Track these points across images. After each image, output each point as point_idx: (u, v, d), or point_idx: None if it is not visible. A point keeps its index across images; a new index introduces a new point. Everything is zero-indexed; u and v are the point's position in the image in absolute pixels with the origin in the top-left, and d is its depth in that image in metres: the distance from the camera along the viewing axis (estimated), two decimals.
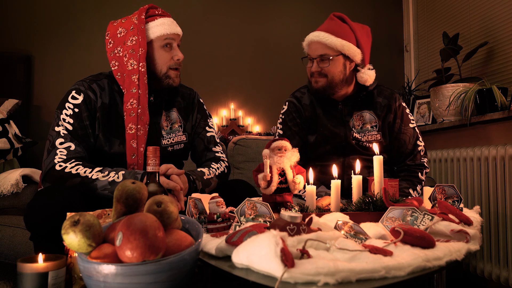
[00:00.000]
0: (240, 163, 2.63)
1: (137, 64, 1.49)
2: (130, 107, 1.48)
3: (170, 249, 0.85)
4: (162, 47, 1.53)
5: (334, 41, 1.69)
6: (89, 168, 1.37)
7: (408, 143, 1.82)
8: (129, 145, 1.48)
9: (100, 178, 1.34)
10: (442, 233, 1.01)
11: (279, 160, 1.22)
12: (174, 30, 1.54)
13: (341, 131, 1.79)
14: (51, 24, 2.88)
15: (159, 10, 1.57)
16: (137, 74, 1.49)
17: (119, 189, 0.96)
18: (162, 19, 1.55)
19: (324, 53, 1.72)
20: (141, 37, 1.49)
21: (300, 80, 3.28)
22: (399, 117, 1.82)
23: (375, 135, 1.79)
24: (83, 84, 1.50)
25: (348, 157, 1.79)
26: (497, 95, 2.22)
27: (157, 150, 1.18)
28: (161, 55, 1.53)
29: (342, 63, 1.73)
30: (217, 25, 3.16)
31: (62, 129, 1.42)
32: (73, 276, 1.02)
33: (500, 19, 2.49)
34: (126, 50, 1.50)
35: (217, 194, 1.21)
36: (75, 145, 1.41)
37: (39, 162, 2.51)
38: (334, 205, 1.23)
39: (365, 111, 1.81)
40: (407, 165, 1.83)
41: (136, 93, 1.49)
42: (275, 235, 0.75)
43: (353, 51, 1.72)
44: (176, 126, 1.64)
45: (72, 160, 1.38)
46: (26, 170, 2.10)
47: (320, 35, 1.72)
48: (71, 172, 1.35)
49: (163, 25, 1.53)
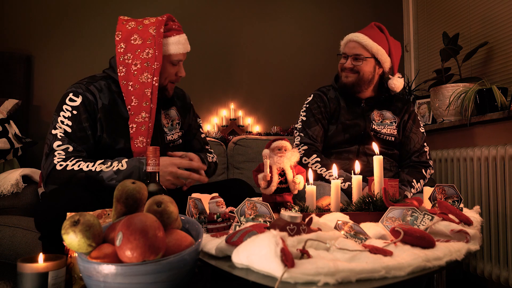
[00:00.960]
0: (240, 163, 2.63)
1: (151, 78, 1.49)
2: (142, 121, 1.48)
3: (170, 249, 0.85)
4: (171, 62, 1.56)
5: (371, 43, 1.86)
6: (91, 162, 1.38)
7: (417, 143, 1.95)
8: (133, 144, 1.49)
9: (104, 169, 1.36)
10: (442, 233, 1.01)
11: (279, 160, 1.23)
12: (187, 50, 1.58)
13: (361, 122, 1.92)
14: (51, 24, 2.88)
15: (175, 25, 1.58)
16: (150, 88, 1.49)
17: (119, 189, 0.96)
18: (179, 36, 1.56)
19: (359, 53, 1.87)
20: (158, 51, 1.49)
21: (300, 79, 3.28)
22: (412, 119, 1.98)
23: (392, 129, 1.93)
24: (80, 87, 1.49)
25: (363, 146, 1.89)
26: (497, 95, 2.21)
27: (157, 150, 1.18)
28: (167, 70, 1.56)
29: (373, 65, 1.90)
30: (217, 25, 3.16)
31: (60, 132, 1.42)
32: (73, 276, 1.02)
33: (500, 19, 2.49)
34: (138, 60, 1.49)
35: (217, 194, 1.21)
36: (73, 147, 1.41)
37: (39, 162, 2.50)
38: (334, 205, 1.23)
39: (385, 110, 1.96)
40: (413, 161, 1.94)
41: (148, 107, 1.49)
42: (275, 235, 0.75)
43: (385, 57, 1.89)
44: (175, 123, 1.69)
45: (71, 158, 1.39)
46: (26, 170, 2.10)
47: (360, 36, 1.88)
48: (73, 169, 1.35)
49: (179, 44, 1.55)
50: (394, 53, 1.92)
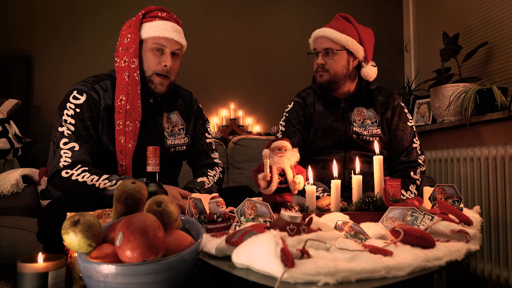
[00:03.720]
0: (240, 163, 2.63)
1: (128, 61, 1.48)
2: (119, 104, 1.47)
3: (170, 249, 0.85)
4: (151, 50, 1.50)
5: (339, 36, 1.79)
6: (96, 175, 1.35)
7: (405, 140, 1.86)
8: (118, 141, 1.46)
9: (108, 187, 1.33)
10: (442, 233, 1.01)
11: (279, 160, 1.22)
12: (166, 35, 1.50)
13: (341, 126, 1.84)
14: (52, 24, 2.88)
15: (164, 14, 1.54)
16: (127, 71, 1.48)
17: (119, 189, 0.96)
18: (162, 22, 1.51)
19: (328, 47, 1.81)
20: (134, 34, 1.49)
21: (300, 79, 3.28)
22: (397, 115, 1.87)
23: (375, 129, 1.84)
24: (85, 85, 1.49)
25: (349, 152, 1.83)
26: (497, 95, 2.21)
27: (157, 150, 1.18)
28: (148, 57, 1.51)
29: (345, 58, 1.82)
30: (217, 25, 3.16)
31: (66, 130, 1.41)
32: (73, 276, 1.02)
33: (500, 19, 2.49)
34: (122, 47, 1.51)
35: (217, 194, 1.21)
36: (78, 145, 1.40)
37: (39, 162, 2.52)
38: (334, 205, 1.23)
39: (365, 108, 1.88)
40: (401, 162, 1.86)
41: (125, 90, 1.47)
42: (275, 235, 0.75)
43: (356, 47, 1.81)
44: (177, 128, 1.64)
45: (78, 166, 1.36)
46: (26, 170, 2.10)
47: (326, 30, 1.82)
48: (77, 180, 1.33)
49: (157, 28, 1.49)
50: (365, 40, 1.83)
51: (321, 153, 1.85)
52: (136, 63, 1.49)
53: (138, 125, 1.49)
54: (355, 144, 1.83)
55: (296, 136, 1.87)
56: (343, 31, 1.80)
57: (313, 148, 1.87)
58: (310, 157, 1.87)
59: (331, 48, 1.80)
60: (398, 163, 1.87)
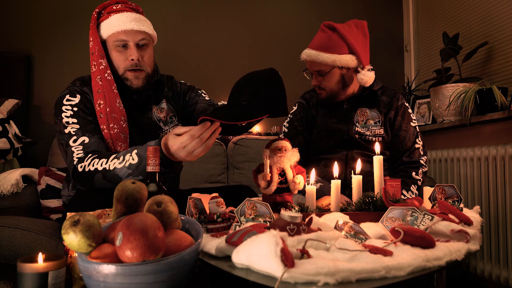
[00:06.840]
0: (240, 163, 2.63)
1: (97, 64, 1.45)
2: (99, 109, 1.44)
3: (170, 249, 0.85)
4: (115, 48, 1.45)
5: (325, 58, 1.76)
6: (105, 158, 1.31)
7: (408, 141, 1.85)
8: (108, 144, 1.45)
9: (117, 165, 1.28)
10: (442, 233, 1.01)
11: (279, 160, 1.22)
12: (124, 27, 1.42)
13: (343, 126, 1.85)
14: (52, 24, 2.88)
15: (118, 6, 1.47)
16: (99, 74, 1.44)
17: (119, 189, 0.96)
18: (117, 15, 1.44)
19: (318, 69, 1.81)
20: (93, 37, 1.45)
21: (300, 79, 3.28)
22: (400, 115, 1.87)
23: (378, 129, 1.84)
24: (74, 89, 1.48)
25: (352, 151, 1.84)
26: (497, 95, 2.22)
27: (157, 150, 1.18)
28: (114, 56, 1.47)
29: (338, 73, 1.81)
30: (216, 24, 3.16)
31: (71, 129, 1.40)
32: (73, 276, 1.02)
33: (500, 19, 2.49)
34: (90, 52, 1.48)
35: (217, 194, 1.21)
36: (88, 137, 1.38)
37: (39, 162, 2.51)
38: (334, 205, 1.23)
39: (368, 109, 1.88)
40: (403, 162, 1.85)
41: (101, 93, 1.43)
42: (275, 235, 0.75)
43: (346, 61, 1.77)
44: (169, 117, 1.62)
45: (88, 156, 1.34)
46: (26, 170, 2.10)
47: (312, 55, 1.79)
48: (90, 170, 1.31)
49: (113, 24, 1.43)
50: (356, 45, 1.77)
51: (324, 152, 1.88)
52: (104, 63, 1.45)
53: (124, 124, 1.45)
54: (357, 144, 1.84)
55: (298, 138, 1.89)
56: (329, 49, 1.76)
57: (316, 148, 1.89)
58: (313, 155, 1.90)
59: (321, 70, 1.80)
60: (400, 163, 1.87)
